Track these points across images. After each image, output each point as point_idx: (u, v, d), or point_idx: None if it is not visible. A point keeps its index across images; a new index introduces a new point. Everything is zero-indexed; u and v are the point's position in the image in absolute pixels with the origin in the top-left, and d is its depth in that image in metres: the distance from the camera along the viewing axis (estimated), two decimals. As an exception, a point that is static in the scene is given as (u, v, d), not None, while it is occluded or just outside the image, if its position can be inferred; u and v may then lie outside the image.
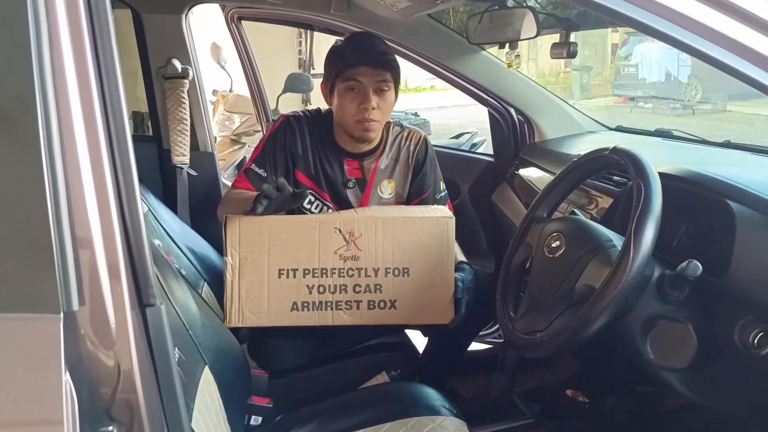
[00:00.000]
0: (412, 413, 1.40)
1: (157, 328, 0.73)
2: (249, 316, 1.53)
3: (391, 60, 1.72)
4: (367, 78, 1.67)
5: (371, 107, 1.67)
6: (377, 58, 1.69)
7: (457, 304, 1.60)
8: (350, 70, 1.68)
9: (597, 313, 1.10)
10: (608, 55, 14.29)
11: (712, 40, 1.02)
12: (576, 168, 1.43)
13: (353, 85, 1.68)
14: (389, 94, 1.71)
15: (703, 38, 1.02)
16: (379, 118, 1.71)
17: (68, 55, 0.68)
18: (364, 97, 1.68)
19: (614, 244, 1.22)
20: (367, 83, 1.67)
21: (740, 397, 1.23)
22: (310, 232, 1.55)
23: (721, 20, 1.02)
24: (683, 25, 1.02)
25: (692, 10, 1.02)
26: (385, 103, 1.71)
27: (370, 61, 1.68)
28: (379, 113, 1.70)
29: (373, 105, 1.68)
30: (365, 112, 1.68)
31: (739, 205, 1.18)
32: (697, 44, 1.03)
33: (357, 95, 1.69)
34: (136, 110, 2.73)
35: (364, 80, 1.67)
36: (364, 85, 1.67)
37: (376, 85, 1.68)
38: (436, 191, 1.90)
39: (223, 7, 2.70)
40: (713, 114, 10.16)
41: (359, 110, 1.68)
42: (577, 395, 1.93)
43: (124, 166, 0.71)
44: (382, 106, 1.70)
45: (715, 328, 1.15)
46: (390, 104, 1.73)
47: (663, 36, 1.04)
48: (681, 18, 1.02)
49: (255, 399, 1.54)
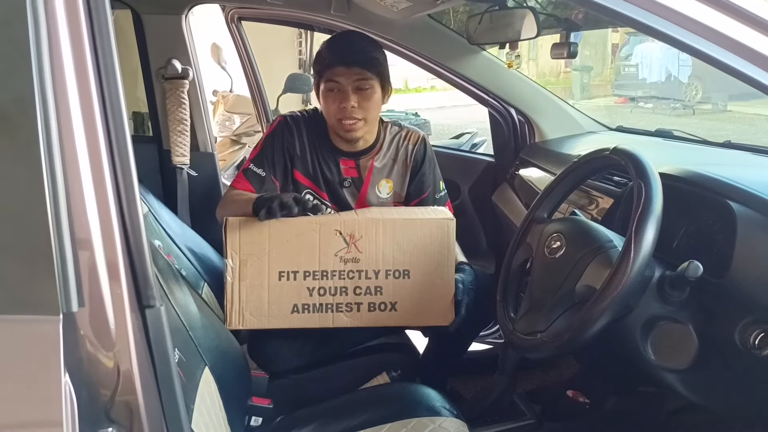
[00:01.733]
0: (413, 414, 1.40)
1: (157, 330, 0.73)
2: (249, 318, 1.53)
3: (372, 57, 1.71)
4: (344, 78, 1.67)
5: (350, 106, 1.67)
6: (352, 57, 1.68)
7: (457, 305, 1.60)
8: (329, 71, 1.69)
9: (597, 314, 1.10)
10: (608, 55, 14.29)
11: (712, 40, 1.02)
12: (576, 168, 1.43)
13: (332, 85, 1.69)
14: (371, 92, 1.70)
15: (703, 38, 1.02)
16: (363, 116, 1.70)
17: (68, 57, 0.68)
18: (343, 96, 1.68)
19: (615, 244, 1.22)
20: (345, 83, 1.67)
21: (741, 397, 1.23)
22: (311, 234, 1.55)
23: (721, 20, 1.02)
24: (683, 25, 1.02)
25: (692, 10, 1.02)
26: (367, 102, 1.70)
27: (345, 61, 1.67)
28: (361, 112, 1.69)
29: (353, 104, 1.67)
30: (345, 112, 1.68)
31: (739, 206, 1.18)
32: (697, 44, 1.03)
33: (337, 95, 1.69)
34: (136, 111, 2.73)
35: (341, 80, 1.67)
36: (343, 85, 1.68)
37: (355, 84, 1.68)
38: (436, 191, 1.90)
39: (223, 8, 2.70)
40: (714, 114, 10.16)
41: (339, 110, 1.69)
42: (578, 396, 1.92)
43: (123, 168, 0.71)
44: (364, 105, 1.69)
45: (715, 329, 1.15)
46: (375, 102, 1.72)
47: (663, 36, 1.04)
48: (681, 18, 1.02)
49: (255, 400, 1.53)
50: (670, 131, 2.21)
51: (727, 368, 1.18)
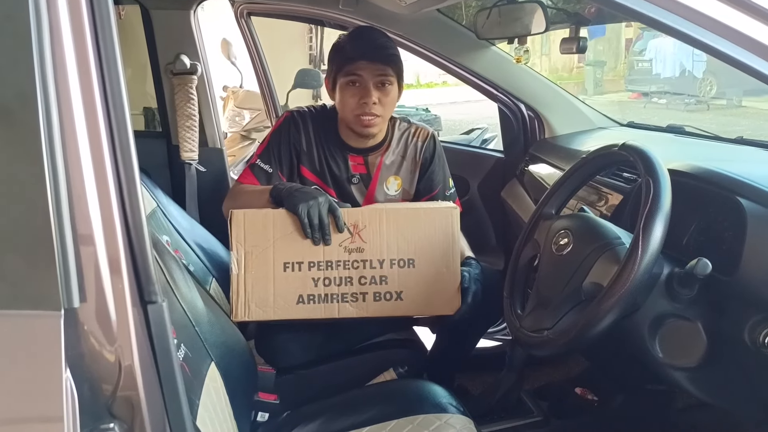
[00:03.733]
0: (419, 410, 1.39)
1: (159, 326, 0.73)
2: (255, 310, 1.53)
3: (393, 54, 1.70)
4: (367, 72, 1.66)
5: (372, 102, 1.66)
6: (377, 52, 1.67)
7: (464, 293, 1.58)
8: (351, 65, 1.67)
9: (605, 311, 1.09)
10: (622, 51, 14.20)
11: (725, 36, 1.01)
12: (585, 165, 1.42)
13: (354, 79, 1.67)
14: (391, 89, 1.70)
15: (716, 35, 1.01)
16: (381, 113, 1.70)
17: (70, 51, 0.68)
18: (364, 92, 1.66)
19: (623, 241, 1.21)
20: (368, 77, 1.66)
21: (750, 396, 1.22)
22: None
23: (735, 16, 1.00)
24: (696, 21, 1.01)
25: (705, 7, 1.01)
26: (386, 98, 1.69)
27: (371, 55, 1.66)
28: (380, 108, 1.69)
29: (374, 100, 1.66)
30: (366, 107, 1.67)
31: (749, 202, 1.16)
32: (711, 41, 1.01)
33: (357, 90, 1.67)
34: (147, 106, 2.74)
35: (364, 74, 1.66)
36: (365, 80, 1.66)
37: (377, 79, 1.67)
38: (446, 188, 1.89)
39: (232, 3, 2.70)
40: (728, 109, 10.07)
41: (359, 105, 1.67)
42: (586, 393, 1.91)
43: (125, 162, 0.70)
44: (384, 101, 1.69)
45: (724, 327, 1.14)
46: (392, 99, 1.72)
47: (675, 32, 1.03)
48: (694, 14, 1.01)
49: (262, 395, 1.54)
50: (681, 127, 2.18)
51: (737, 366, 1.17)
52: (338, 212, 1.54)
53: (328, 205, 1.53)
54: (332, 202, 1.54)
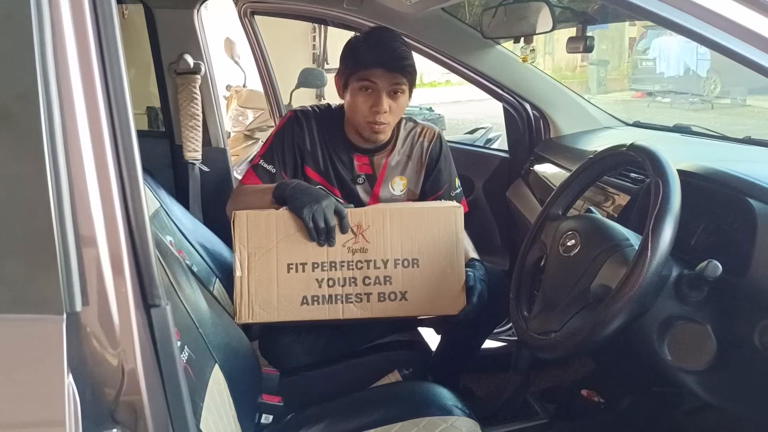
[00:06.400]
0: (424, 413, 1.38)
1: (162, 329, 0.72)
2: (259, 311, 1.52)
3: (409, 65, 1.66)
4: (381, 80, 1.63)
5: (383, 110, 1.65)
6: (395, 62, 1.64)
7: (469, 293, 1.57)
8: (365, 70, 1.64)
9: (613, 314, 1.08)
10: (626, 49, 14.15)
11: (732, 33, 1.00)
12: (592, 165, 1.41)
13: (367, 85, 1.65)
14: (403, 97, 1.68)
15: (723, 31, 1.00)
16: (390, 121, 1.69)
17: (72, 51, 0.67)
18: (376, 99, 1.64)
19: (631, 243, 1.20)
20: (382, 85, 1.64)
21: (760, 399, 1.20)
22: None
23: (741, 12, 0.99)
24: (702, 17, 1.00)
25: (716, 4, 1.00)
26: (397, 106, 1.68)
27: (387, 64, 1.63)
28: (390, 116, 1.67)
29: (385, 108, 1.65)
30: (377, 115, 1.65)
31: (760, 203, 1.15)
32: (717, 37, 1.00)
33: (370, 96, 1.65)
34: (150, 106, 2.73)
35: (378, 82, 1.64)
36: (378, 87, 1.64)
37: (390, 87, 1.64)
38: (452, 188, 1.87)
39: (236, 2, 2.69)
40: (732, 109, 10.04)
41: (371, 112, 1.65)
42: (593, 395, 1.90)
43: (128, 163, 0.69)
44: (395, 109, 1.67)
45: (734, 330, 1.12)
46: (402, 106, 1.70)
47: (681, 28, 1.02)
48: (700, 10, 1.00)
49: (266, 397, 1.52)
50: (688, 126, 2.16)
51: (746, 370, 1.16)
52: (344, 214, 1.52)
53: (334, 207, 1.52)
54: (337, 204, 1.53)
